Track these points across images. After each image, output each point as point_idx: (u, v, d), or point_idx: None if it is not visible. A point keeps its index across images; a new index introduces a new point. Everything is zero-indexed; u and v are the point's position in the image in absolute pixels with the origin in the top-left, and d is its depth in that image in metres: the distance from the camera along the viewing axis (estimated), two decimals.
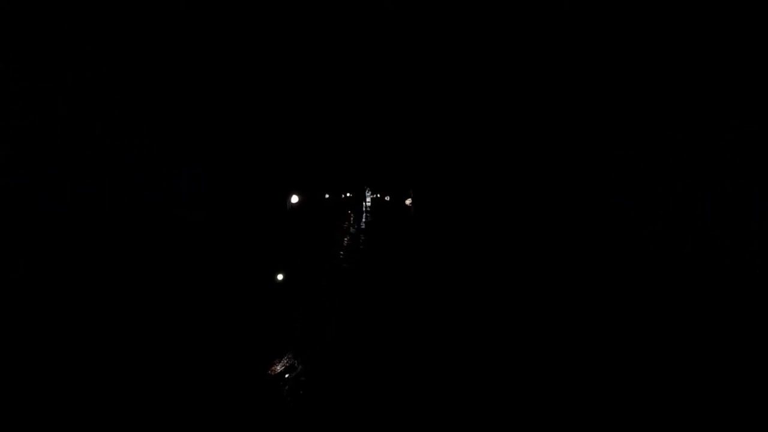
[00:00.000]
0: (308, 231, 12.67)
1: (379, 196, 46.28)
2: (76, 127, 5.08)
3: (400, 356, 3.76)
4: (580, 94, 6.46)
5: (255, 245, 9.29)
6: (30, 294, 4.48)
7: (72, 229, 5.05)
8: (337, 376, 3.34)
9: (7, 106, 4.07)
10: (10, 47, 3.92)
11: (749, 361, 3.66)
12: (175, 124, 7.08)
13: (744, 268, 4.20)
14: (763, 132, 4.09)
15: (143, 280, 6.06)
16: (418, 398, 3.06)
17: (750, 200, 4.11)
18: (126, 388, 3.13)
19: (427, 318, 4.70)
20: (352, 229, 13.67)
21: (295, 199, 13.29)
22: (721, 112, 4.51)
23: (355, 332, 4.22)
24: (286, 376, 3.19)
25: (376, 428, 2.68)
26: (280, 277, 5.99)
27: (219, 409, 2.87)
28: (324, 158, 18.56)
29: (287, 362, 3.41)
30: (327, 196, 27.46)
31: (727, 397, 3.09)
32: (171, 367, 3.50)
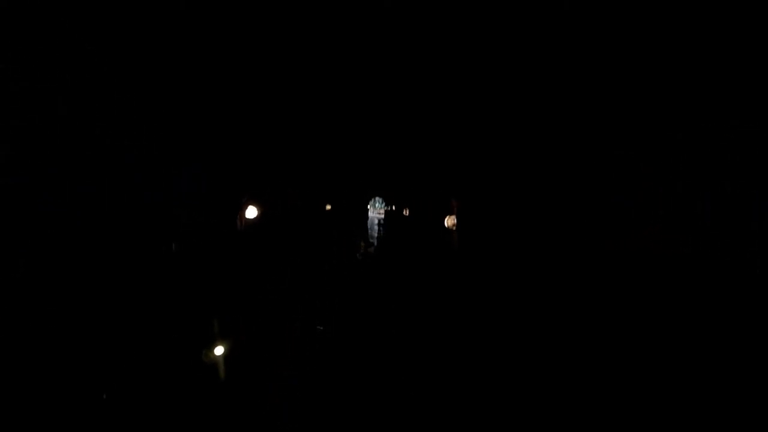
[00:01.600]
0: (281, 265, 8.75)
1: (394, 208, 34.92)
2: (76, 127, 5.08)
3: None
4: (579, 94, 6.46)
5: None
6: (30, 294, 4.48)
7: (72, 229, 5.05)
8: None
9: (7, 106, 4.07)
10: (10, 47, 3.92)
11: (749, 361, 3.66)
12: (175, 124, 7.09)
13: (744, 268, 4.20)
14: (763, 132, 4.08)
15: (143, 282, 6.06)
16: None
17: (750, 200, 4.11)
18: (124, 389, 3.13)
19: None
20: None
21: (253, 213, 8.75)
22: (721, 112, 4.51)
23: None
24: None
25: None
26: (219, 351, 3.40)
27: None
28: (314, 155, 13.49)
29: None
30: (329, 207, 20.09)
31: (727, 397, 3.08)
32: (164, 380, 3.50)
